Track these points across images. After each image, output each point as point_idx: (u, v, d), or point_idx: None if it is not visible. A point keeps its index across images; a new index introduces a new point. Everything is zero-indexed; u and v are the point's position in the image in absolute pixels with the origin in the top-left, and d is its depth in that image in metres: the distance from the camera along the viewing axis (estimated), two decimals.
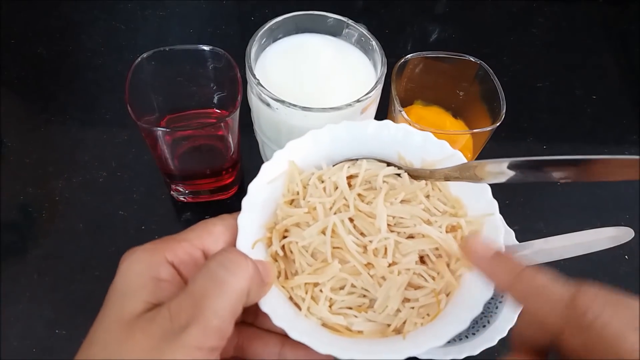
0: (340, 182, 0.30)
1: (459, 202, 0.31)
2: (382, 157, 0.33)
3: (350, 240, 0.28)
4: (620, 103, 0.61)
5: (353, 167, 0.32)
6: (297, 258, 0.29)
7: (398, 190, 0.30)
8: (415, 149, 0.32)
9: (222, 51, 0.43)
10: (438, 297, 0.28)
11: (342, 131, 0.32)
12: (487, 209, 0.30)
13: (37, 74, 0.57)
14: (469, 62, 0.45)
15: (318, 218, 0.29)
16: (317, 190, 0.30)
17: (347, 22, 0.42)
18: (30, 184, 0.49)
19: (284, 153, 0.31)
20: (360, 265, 0.28)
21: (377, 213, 0.29)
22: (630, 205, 0.52)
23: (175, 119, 0.46)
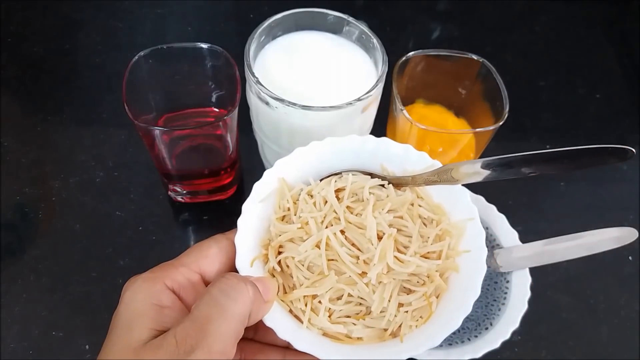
0: (329, 196, 0.31)
1: (440, 209, 0.33)
2: (367, 169, 0.34)
3: (344, 251, 0.30)
4: (623, 102, 0.61)
5: (340, 180, 0.33)
6: (294, 272, 0.30)
7: (385, 201, 0.32)
8: (397, 160, 0.34)
9: (220, 49, 0.42)
10: (429, 300, 0.30)
11: (327, 147, 0.33)
12: (467, 213, 0.32)
13: (34, 72, 0.57)
14: (471, 61, 0.45)
15: (311, 232, 0.30)
16: (307, 206, 0.32)
17: (347, 19, 0.41)
18: (27, 184, 0.49)
19: (273, 171, 0.32)
20: (355, 275, 0.29)
21: (367, 224, 0.30)
22: (633, 206, 0.52)
23: (173, 118, 0.46)
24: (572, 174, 0.54)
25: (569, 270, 0.47)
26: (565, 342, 0.44)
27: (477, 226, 0.31)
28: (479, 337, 0.37)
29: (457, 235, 0.32)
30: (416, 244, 0.31)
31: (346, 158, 0.34)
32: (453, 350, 0.36)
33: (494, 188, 0.51)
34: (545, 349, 0.43)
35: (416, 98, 0.48)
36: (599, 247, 0.37)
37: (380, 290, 0.29)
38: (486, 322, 0.38)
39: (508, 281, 0.39)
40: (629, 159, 0.27)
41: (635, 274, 0.48)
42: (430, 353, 0.36)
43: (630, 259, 0.48)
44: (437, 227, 0.32)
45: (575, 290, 0.47)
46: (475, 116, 0.46)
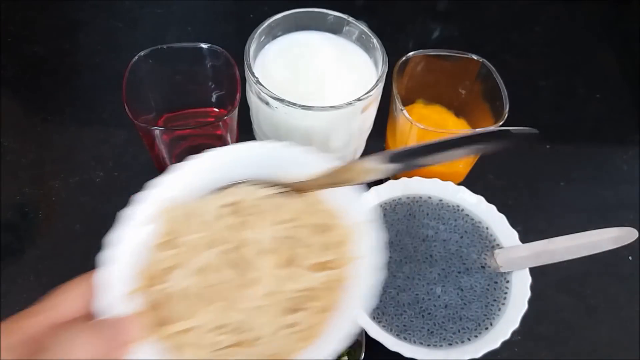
0: (213, 214, 0.29)
1: (338, 213, 0.30)
2: (265, 177, 0.31)
3: (228, 275, 0.27)
4: (623, 102, 0.61)
5: (228, 194, 0.30)
6: (170, 304, 0.27)
7: (281, 210, 0.29)
8: (296, 164, 0.31)
9: (220, 49, 0.42)
10: (323, 315, 0.28)
11: (220, 157, 0.31)
12: (364, 215, 0.29)
13: (34, 73, 0.57)
14: (471, 61, 0.45)
15: (193, 257, 0.28)
16: (189, 227, 0.29)
17: (347, 19, 0.41)
18: (27, 184, 0.49)
19: (148, 194, 0.29)
20: (240, 297, 0.27)
21: (255, 240, 0.28)
22: (633, 206, 0.52)
23: (173, 118, 0.46)
24: (572, 174, 0.54)
25: (569, 270, 0.47)
26: (565, 342, 0.44)
27: (373, 229, 0.29)
28: (479, 337, 0.37)
29: (354, 240, 0.29)
30: (310, 255, 0.28)
31: (242, 167, 0.31)
32: (453, 350, 0.36)
33: (494, 188, 0.51)
34: (545, 349, 0.43)
35: (416, 98, 0.48)
36: (599, 247, 0.37)
37: (267, 310, 0.27)
38: (486, 322, 0.38)
39: (508, 281, 0.39)
40: (536, 143, 0.26)
41: (635, 274, 0.48)
42: (430, 353, 0.36)
43: (630, 259, 0.48)
44: (334, 234, 0.29)
45: (575, 290, 0.47)
46: (475, 116, 0.46)
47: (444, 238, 0.41)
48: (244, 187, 0.30)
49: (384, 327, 0.37)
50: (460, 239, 0.41)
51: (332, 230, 0.30)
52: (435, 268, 0.39)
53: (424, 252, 0.40)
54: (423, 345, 0.36)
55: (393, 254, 0.40)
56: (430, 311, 0.38)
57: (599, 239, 0.37)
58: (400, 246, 0.40)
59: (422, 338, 0.37)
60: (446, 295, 0.38)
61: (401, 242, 0.41)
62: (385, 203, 0.43)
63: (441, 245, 0.41)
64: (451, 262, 0.40)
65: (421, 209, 0.42)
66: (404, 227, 0.41)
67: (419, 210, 0.42)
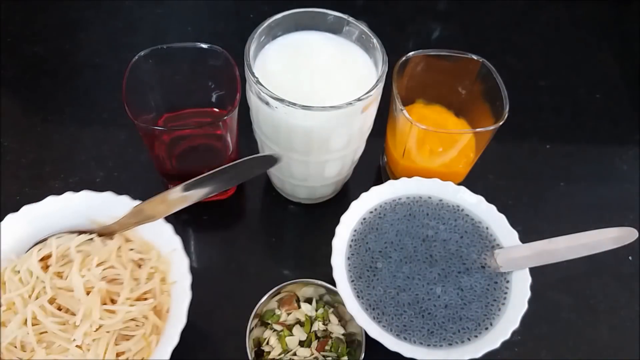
0: (33, 267, 0.32)
1: (150, 245, 0.35)
2: (74, 228, 0.35)
3: (50, 322, 0.30)
4: (623, 102, 0.61)
5: (45, 247, 0.33)
6: (6, 357, 0.30)
7: (92, 255, 0.32)
8: (103, 210, 0.35)
9: (220, 49, 0.42)
10: (148, 339, 0.31)
11: (25, 216, 0.34)
12: (172, 244, 0.34)
13: (34, 73, 0.57)
14: (471, 61, 0.45)
15: (18, 311, 0.30)
16: (14, 284, 0.31)
17: (347, 19, 0.41)
18: (27, 184, 0.49)
19: None
20: (65, 342, 0.30)
21: (73, 286, 0.31)
22: (633, 206, 0.52)
23: (173, 118, 0.46)
24: (572, 174, 0.54)
25: (569, 270, 0.47)
26: (565, 342, 0.44)
27: (180, 255, 0.33)
28: (479, 337, 0.37)
29: (167, 269, 0.33)
30: (127, 289, 0.32)
31: (50, 221, 0.35)
32: (453, 350, 0.36)
33: (494, 188, 0.51)
34: (545, 348, 0.43)
35: (416, 98, 0.48)
36: (599, 247, 0.37)
37: (94, 347, 0.30)
38: (486, 322, 0.38)
39: (508, 281, 0.39)
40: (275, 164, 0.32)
41: (635, 274, 0.48)
42: (430, 353, 0.36)
43: (630, 259, 0.48)
44: (147, 266, 0.33)
45: (575, 290, 0.47)
46: (475, 116, 0.46)
47: (444, 238, 0.41)
48: (56, 240, 0.34)
49: (384, 327, 0.37)
50: (460, 239, 0.41)
51: (145, 263, 0.34)
52: (435, 268, 0.39)
53: (424, 252, 0.40)
54: (423, 345, 0.36)
55: (393, 254, 0.40)
56: (430, 311, 0.38)
57: (599, 239, 0.37)
58: (400, 246, 0.40)
59: (422, 338, 0.37)
60: (446, 295, 0.38)
61: (401, 242, 0.41)
62: (385, 203, 0.43)
63: (441, 245, 0.41)
64: (451, 262, 0.40)
65: (421, 209, 0.42)
66: (404, 227, 0.41)
67: (419, 210, 0.42)
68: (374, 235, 0.41)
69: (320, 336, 0.40)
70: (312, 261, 0.46)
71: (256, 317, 0.39)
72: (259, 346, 0.40)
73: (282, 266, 0.46)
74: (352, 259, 0.40)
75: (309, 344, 0.39)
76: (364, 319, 0.37)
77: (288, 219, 0.50)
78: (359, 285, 0.39)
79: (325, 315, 0.41)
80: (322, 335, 0.40)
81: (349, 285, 0.38)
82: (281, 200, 0.50)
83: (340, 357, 0.39)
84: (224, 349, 0.41)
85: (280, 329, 0.40)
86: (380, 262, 0.40)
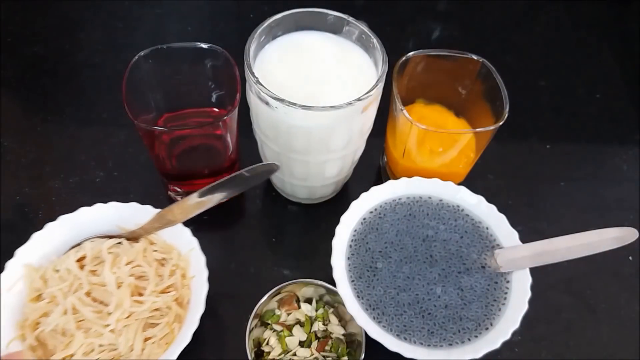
0: (71, 266, 0.37)
1: (171, 247, 0.40)
2: (104, 233, 0.41)
3: (88, 310, 0.36)
4: (623, 102, 0.61)
5: (80, 249, 0.39)
6: (49, 341, 0.36)
7: (121, 256, 0.38)
8: (129, 218, 0.41)
9: (220, 49, 0.42)
10: (171, 327, 0.37)
11: (62, 224, 0.40)
12: (189, 245, 0.39)
13: (34, 73, 0.57)
14: (471, 60, 0.45)
15: (59, 303, 0.36)
16: (54, 280, 0.37)
17: (347, 19, 0.41)
18: (27, 184, 0.49)
19: (16, 260, 0.38)
20: (100, 327, 0.35)
21: (106, 281, 0.37)
22: (633, 206, 0.52)
23: (172, 118, 0.46)
24: (572, 174, 0.54)
25: (569, 271, 0.47)
26: (566, 342, 0.44)
27: (197, 254, 0.39)
28: (479, 337, 0.37)
29: (186, 266, 0.39)
30: (152, 283, 0.37)
31: (84, 228, 0.40)
32: (453, 350, 0.36)
33: (494, 188, 0.51)
34: (545, 349, 0.43)
35: (416, 98, 0.48)
36: (599, 247, 0.37)
37: (125, 332, 0.35)
38: (486, 322, 0.38)
39: (508, 281, 0.39)
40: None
41: (635, 274, 0.48)
42: (430, 353, 0.36)
43: (631, 259, 0.48)
44: (170, 264, 0.39)
45: (576, 290, 0.47)
46: (476, 116, 0.46)
47: (444, 238, 0.41)
48: (90, 243, 0.40)
49: (384, 327, 0.37)
50: (460, 239, 0.41)
51: (168, 262, 0.39)
52: (436, 268, 0.39)
53: (424, 252, 0.40)
54: (423, 345, 0.36)
55: (393, 254, 0.40)
56: (431, 311, 0.38)
57: (599, 239, 0.37)
58: (401, 246, 0.40)
59: (422, 338, 0.37)
60: (446, 295, 0.38)
61: (401, 242, 0.41)
62: (386, 203, 0.43)
63: (441, 245, 0.41)
64: (451, 262, 0.40)
65: (421, 209, 0.42)
66: (404, 227, 0.41)
67: (419, 210, 0.42)
68: (374, 236, 0.41)
69: (320, 336, 0.40)
70: (312, 261, 0.46)
71: (256, 317, 0.39)
72: (259, 346, 0.40)
73: (282, 266, 0.46)
74: (352, 259, 0.40)
75: (309, 344, 0.39)
76: (364, 319, 0.37)
77: (288, 219, 0.50)
78: (359, 285, 0.39)
79: (325, 316, 0.41)
80: (322, 336, 0.40)
81: (349, 286, 0.38)
82: (281, 200, 0.50)
83: (340, 358, 0.39)
84: (224, 349, 0.41)
85: (280, 329, 0.40)
86: (380, 262, 0.40)
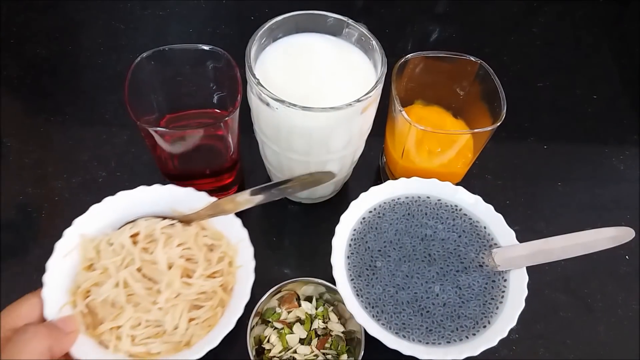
0: (125, 242, 0.38)
1: (221, 235, 0.41)
2: (159, 214, 0.41)
3: (139, 286, 0.36)
4: (621, 102, 0.61)
5: (135, 226, 0.39)
6: (99, 311, 0.36)
7: (173, 237, 0.39)
8: (183, 202, 0.41)
9: (221, 51, 0.42)
10: (215, 310, 0.37)
11: (120, 200, 0.40)
12: (239, 236, 0.40)
13: (37, 73, 0.57)
14: (469, 62, 0.45)
15: (111, 275, 0.37)
16: (107, 253, 0.38)
17: (347, 21, 0.42)
18: (30, 184, 0.49)
19: (73, 229, 0.39)
20: (149, 304, 0.36)
21: (158, 260, 0.37)
22: (630, 205, 0.52)
23: (174, 119, 0.46)
24: (569, 174, 0.54)
25: (566, 269, 0.47)
26: (563, 340, 0.44)
27: (246, 245, 0.39)
28: (477, 335, 0.37)
29: (234, 254, 0.40)
30: (201, 267, 0.38)
31: (139, 206, 0.41)
32: (451, 348, 0.37)
33: (492, 188, 0.52)
34: (542, 347, 0.44)
35: (415, 99, 0.49)
36: (596, 246, 0.37)
37: (172, 311, 0.36)
38: (484, 320, 0.38)
39: (506, 280, 0.40)
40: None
41: (632, 273, 0.48)
42: (428, 351, 0.36)
43: (627, 258, 0.49)
44: (218, 251, 0.39)
45: (573, 289, 0.47)
46: (474, 117, 0.47)
47: (442, 237, 0.41)
48: (145, 221, 0.40)
49: (382, 325, 0.37)
50: (458, 238, 0.41)
51: (217, 248, 0.40)
52: (434, 267, 0.40)
53: (423, 251, 0.41)
54: (422, 343, 0.37)
55: (392, 253, 0.40)
56: (429, 309, 0.38)
57: (596, 238, 0.37)
58: (399, 245, 0.41)
59: (420, 336, 0.37)
60: (444, 293, 0.39)
61: (400, 241, 0.41)
62: (385, 203, 0.43)
63: (439, 244, 0.41)
64: (449, 261, 0.40)
65: (420, 208, 0.43)
66: (403, 226, 0.42)
67: (417, 210, 0.43)
68: (373, 235, 0.41)
69: (320, 334, 0.40)
70: (312, 260, 0.47)
71: (257, 315, 0.39)
72: (260, 344, 0.40)
73: (282, 265, 0.47)
74: (352, 257, 0.40)
75: (309, 342, 0.40)
76: (363, 317, 0.37)
77: (288, 219, 0.50)
78: (358, 283, 0.39)
79: (325, 314, 0.41)
80: (322, 333, 0.40)
81: (348, 284, 0.39)
82: (281, 200, 0.50)
83: (340, 355, 0.40)
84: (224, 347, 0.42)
85: (281, 327, 0.40)
86: (379, 261, 0.40)
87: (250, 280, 0.38)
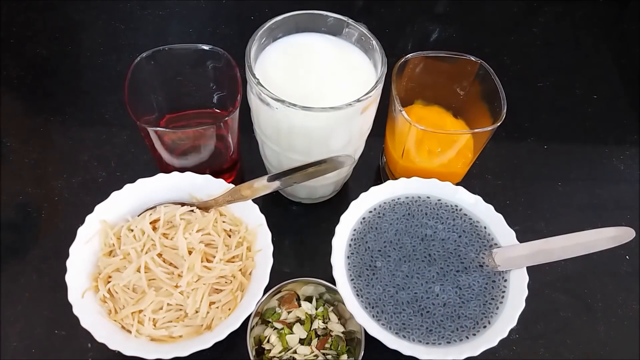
0: (145, 228, 0.39)
1: (240, 220, 0.42)
2: (178, 200, 0.42)
3: (160, 271, 0.37)
4: (621, 102, 0.61)
5: (154, 213, 0.41)
6: (121, 296, 0.37)
7: (193, 223, 0.40)
8: (201, 188, 0.42)
9: (221, 51, 0.42)
10: (235, 294, 0.38)
11: (139, 187, 0.41)
12: (258, 221, 0.41)
13: (37, 73, 0.57)
14: (469, 62, 0.45)
15: (133, 260, 0.38)
16: (128, 239, 0.39)
17: (347, 21, 0.42)
18: (30, 184, 0.49)
19: (94, 216, 0.40)
20: (170, 288, 0.37)
21: (178, 245, 0.38)
22: (630, 205, 0.52)
23: (174, 119, 0.46)
24: (569, 174, 0.54)
25: (566, 270, 0.47)
26: (563, 340, 0.44)
27: (264, 229, 0.40)
28: (477, 335, 0.37)
29: (253, 239, 0.40)
30: (221, 252, 0.39)
31: (158, 193, 0.42)
32: (452, 348, 0.37)
33: (492, 188, 0.52)
34: (543, 347, 0.44)
35: (415, 99, 0.49)
36: (596, 247, 0.37)
37: (193, 295, 0.37)
38: (484, 320, 0.38)
39: (506, 280, 0.40)
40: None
41: (632, 273, 0.48)
42: (428, 351, 0.36)
43: (628, 258, 0.49)
44: (237, 236, 0.40)
45: (573, 289, 0.47)
46: (474, 117, 0.47)
47: (442, 237, 0.41)
48: (164, 208, 0.41)
49: (383, 325, 0.37)
50: (458, 238, 0.41)
51: (235, 234, 0.41)
52: (434, 267, 0.40)
53: (423, 251, 0.41)
54: (422, 343, 0.37)
55: (392, 253, 0.40)
56: (429, 309, 0.38)
57: (596, 238, 0.37)
58: (399, 245, 0.41)
59: (420, 336, 0.37)
60: (445, 293, 0.39)
61: (400, 241, 0.41)
62: (385, 203, 0.43)
63: (440, 244, 0.41)
64: (449, 261, 0.40)
65: (420, 208, 0.43)
66: (403, 226, 0.42)
67: (417, 210, 0.43)
68: (374, 235, 0.41)
69: (320, 334, 0.40)
70: (312, 260, 0.47)
71: (257, 315, 0.39)
72: (260, 344, 0.40)
73: (282, 265, 0.47)
74: (352, 257, 0.40)
75: (309, 342, 0.40)
76: (363, 317, 0.37)
77: (288, 219, 0.50)
78: (358, 283, 0.39)
79: (325, 314, 0.41)
80: (322, 333, 0.40)
81: (348, 284, 0.39)
82: (281, 200, 0.50)
83: (340, 355, 0.39)
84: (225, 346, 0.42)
85: (281, 327, 0.40)
86: (379, 261, 0.40)
87: (269, 265, 0.38)
